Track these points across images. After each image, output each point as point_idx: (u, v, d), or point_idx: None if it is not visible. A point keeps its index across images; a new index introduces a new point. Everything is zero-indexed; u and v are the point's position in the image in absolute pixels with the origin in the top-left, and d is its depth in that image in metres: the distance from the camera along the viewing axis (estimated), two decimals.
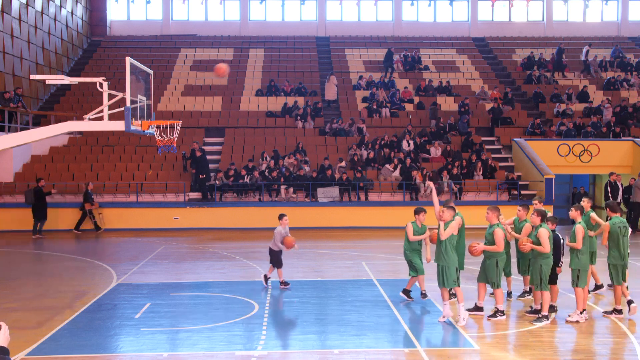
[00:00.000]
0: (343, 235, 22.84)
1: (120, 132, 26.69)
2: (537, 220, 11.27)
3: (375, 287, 14.08)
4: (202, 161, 24.90)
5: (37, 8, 31.71)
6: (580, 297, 11.20)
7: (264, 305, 12.36)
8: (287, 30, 39.65)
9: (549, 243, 11.04)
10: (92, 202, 23.74)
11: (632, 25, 40.53)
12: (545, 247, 11.05)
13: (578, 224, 11.30)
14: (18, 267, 16.97)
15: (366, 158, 26.82)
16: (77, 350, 9.80)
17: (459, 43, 38.90)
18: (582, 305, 11.22)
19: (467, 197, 25.48)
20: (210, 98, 31.93)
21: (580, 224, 11.28)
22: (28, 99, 29.77)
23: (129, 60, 13.12)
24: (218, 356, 9.52)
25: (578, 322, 11.11)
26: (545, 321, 11.12)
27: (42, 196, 22.95)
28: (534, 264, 11.25)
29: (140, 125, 13.51)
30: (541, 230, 11.11)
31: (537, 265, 11.19)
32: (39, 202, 22.91)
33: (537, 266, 11.19)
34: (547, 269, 11.20)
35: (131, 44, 37.79)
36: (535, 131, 28.94)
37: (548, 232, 11.11)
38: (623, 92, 32.97)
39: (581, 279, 11.19)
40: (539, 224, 11.22)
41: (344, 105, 31.79)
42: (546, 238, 11.03)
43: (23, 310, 12.25)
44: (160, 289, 14.04)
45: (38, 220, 22.93)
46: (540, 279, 11.16)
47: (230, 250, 19.39)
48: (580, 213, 11.53)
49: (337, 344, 10.07)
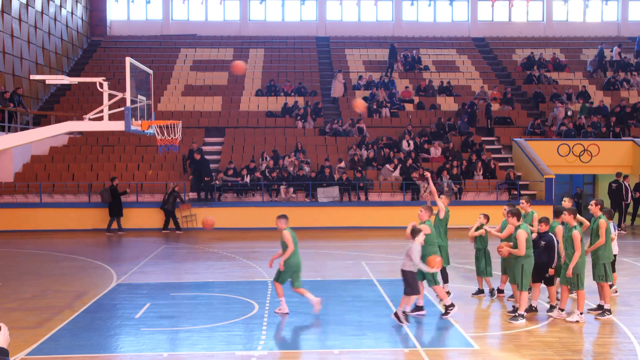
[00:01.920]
0: (343, 235, 22.84)
1: (120, 132, 26.68)
2: (514, 220, 11.26)
3: (375, 287, 14.08)
4: (204, 162, 24.83)
5: (37, 8, 31.71)
6: (582, 298, 11.20)
7: (264, 305, 12.36)
8: (287, 30, 39.65)
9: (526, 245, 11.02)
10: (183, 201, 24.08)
11: (632, 25, 40.52)
12: (520, 249, 11.03)
13: (574, 229, 11.16)
14: (18, 267, 16.97)
15: (366, 158, 26.82)
16: (77, 350, 9.80)
17: (459, 43, 38.90)
18: (582, 306, 11.23)
19: (467, 197, 25.49)
20: (210, 98, 31.93)
21: (576, 229, 11.18)
22: (28, 99, 29.77)
23: (129, 60, 13.12)
24: (218, 356, 9.52)
25: (578, 322, 11.11)
26: (521, 320, 11.12)
27: (117, 195, 23.47)
28: (516, 264, 11.21)
29: (140, 125, 13.51)
30: (519, 232, 11.09)
31: (519, 265, 11.15)
32: (114, 200, 23.41)
33: (519, 266, 11.15)
34: (529, 268, 11.19)
35: (131, 44, 37.79)
36: (535, 131, 28.94)
37: (526, 233, 11.10)
38: (623, 92, 32.98)
39: (581, 281, 11.18)
40: (517, 225, 11.22)
41: (344, 105, 31.80)
42: (523, 240, 11.02)
43: (23, 310, 12.25)
44: (160, 289, 14.04)
45: (114, 217, 23.50)
46: (521, 278, 11.15)
47: (230, 250, 19.39)
48: (574, 216, 11.44)
49: (337, 344, 10.07)
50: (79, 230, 23.90)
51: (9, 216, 23.99)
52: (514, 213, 11.34)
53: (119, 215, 23.59)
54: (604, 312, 11.56)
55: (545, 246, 11.32)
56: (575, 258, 11.05)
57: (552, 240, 11.40)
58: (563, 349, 9.92)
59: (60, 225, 24.00)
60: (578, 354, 9.69)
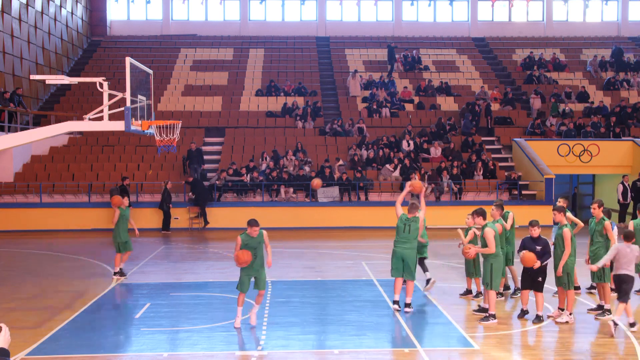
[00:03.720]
0: (343, 235, 22.84)
1: (120, 132, 26.68)
2: (479, 220, 11.24)
3: (375, 287, 14.08)
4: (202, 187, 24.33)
5: (37, 8, 31.70)
6: (571, 298, 11.16)
7: (264, 305, 12.35)
8: (287, 30, 39.64)
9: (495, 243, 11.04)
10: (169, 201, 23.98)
11: (632, 25, 40.51)
12: (490, 247, 11.03)
13: (565, 227, 11.15)
14: (18, 267, 16.97)
15: (366, 158, 26.82)
16: (77, 350, 9.80)
17: (459, 43, 38.89)
18: (571, 307, 11.17)
19: (467, 197, 25.49)
20: (210, 98, 31.93)
21: (567, 227, 11.17)
22: (28, 99, 29.76)
23: (129, 60, 13.12)
24: (218, 356, 9.52)
25: (567, 322, 11.06)
26: (493, 320, 11.11)
27: (127, 194, 22.97)
28: (485, 263, 11.22)
29: (140, 125, 13.51)
30: (486, 230, 11.09)
31: (488, 264, 11.15)
32: None
33: (488, 265, 11.15)
34: (499, 267, 11.20)
35: (131, 44, 37.78)
36: (535, 131, 28.94)
37: (493, 231, 11.10)
38: (623, 92, 32.97)
39: (571, 281, 11.14)
40: (483, 224, 11.20)
41: (344, 105, 31.79)
42: (492, 237, 11.02)
43: (22, 310, 12.25)
44: (160, 289, 14.04)
45: None
46: (490, 277, 11.14)
47: (230, 250, 19.33)
48: (564, 214, 11.42)
49: (337, 344, 10.07)
50: (79, 230, 23.91)
51: (9, 216, 23.99)
52: (479, 213, 11.32)
53: None
54: (604, 312, 11.54)
55: (541, 250, 11.09)
56: (565, 256, 11.01)
57: (547, 244, 11.21)
58: (563, 349, 9.92)
59: (60, 225, 24.00)
60: (578, 354, 9.69)
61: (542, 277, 11.06)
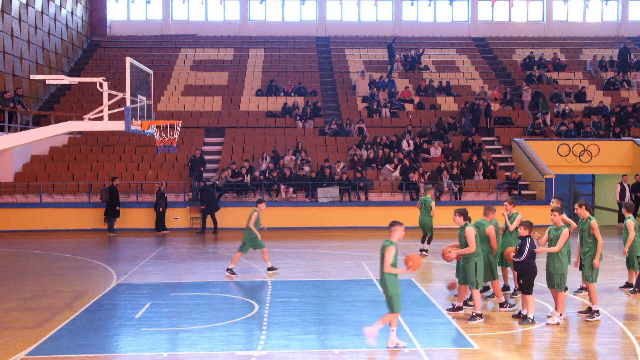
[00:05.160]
0: (343, 235, 22.84)
1: (120, 132, 26.70)
2: (460, 220, 11.25)
3: (375, 287, 14.08)
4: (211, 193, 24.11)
5: (37, 8, 31.70)
6: (561, 299, 11.12)
7: (264, 305, 12.36)
8: (287, 30, 39.64)
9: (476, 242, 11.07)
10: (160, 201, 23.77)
11: (632, 25, 40.52)
12: (471, 246, 11.04)
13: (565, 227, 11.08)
14: (18, 267, 16.96)
15: (366, 158, 26.82)
16: (77, 350, 9.80)
17: (459, 43, 38.89)
18: (561, 308, 11.11)
19: (467, 197, 25.49)
20: (210, 98, 31.92)
21: (566, 227, 11.10)
22: (28, 99, 29.76)
23: (129, 60, 13.12)
24: (218, 356, 9.52)
25: (558, 324, 11.02)
26: (479, 319, 11.12)
27: (116, 195, 23.20)
28: (468, 263, 11.22)
29: (140, 125, 13.51)
30: (467, 229, 11.12)
31: (472, 263, 11.16)
32: (112, 200, 23.16)
33: (472, 264, 11.16)
34: (482, 265, 11.24)
35: (131, 44, 37.79)
36: (535, 131, 28.94)
37: (474, 230, 11.13)
38: (623, 92, 32.97)
39: (563, 282, 11.09)
40: (463, 224, 11.22)
41: (344, 105, 31.79)
42: (472, 236, 11.04)
43: (23, 310, 12.25)
44: (160, 289, 14.04)
45: (110, 217, 23.30)
46: (475, 277, 11.14)
47: (230, 250, 19.35)
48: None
49: (337, 344, 10.08)
50: (79, 230, 23.90)
51: (9, 216, 23.99)
52: (460, 213, 11.31)
53: (114, 216, 23.37)
54: (592, 314, 11.41)
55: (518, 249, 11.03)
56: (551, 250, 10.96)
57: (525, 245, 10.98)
58: (563, 349, 9.92)
59: (60, 225, 23.99)
60: (578, 354, 9.69)
61: (522, 279, 10.99)
